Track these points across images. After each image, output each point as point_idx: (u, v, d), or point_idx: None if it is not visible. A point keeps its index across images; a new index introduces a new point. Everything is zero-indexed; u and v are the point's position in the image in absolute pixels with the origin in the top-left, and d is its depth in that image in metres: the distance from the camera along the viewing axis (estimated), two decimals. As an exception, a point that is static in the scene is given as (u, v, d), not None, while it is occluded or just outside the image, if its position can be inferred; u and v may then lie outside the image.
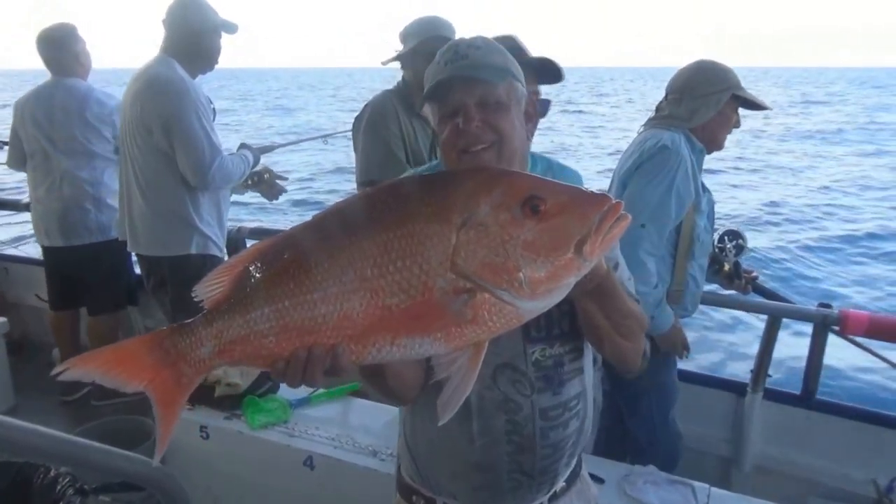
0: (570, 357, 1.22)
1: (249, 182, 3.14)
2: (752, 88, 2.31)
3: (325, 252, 0.86)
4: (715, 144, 2.28)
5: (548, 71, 1.86)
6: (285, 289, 0.86)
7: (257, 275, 0.88)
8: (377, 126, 2.42)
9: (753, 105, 2.25)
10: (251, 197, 3.62)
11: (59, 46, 3.24)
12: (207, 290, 0.90)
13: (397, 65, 2.55)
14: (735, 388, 2.75)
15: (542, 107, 1.63)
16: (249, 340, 0.87)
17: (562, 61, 1.86)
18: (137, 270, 3.52)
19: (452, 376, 0.89)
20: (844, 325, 2.42)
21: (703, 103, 2.20)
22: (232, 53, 3.05)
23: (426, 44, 2.34)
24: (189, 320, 0.89)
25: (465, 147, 1.09)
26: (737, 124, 2.28)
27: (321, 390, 2.42)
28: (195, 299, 0.90)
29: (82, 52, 3.30)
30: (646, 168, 2.16)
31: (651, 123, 2.31)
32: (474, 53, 1.10)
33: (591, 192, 0.87)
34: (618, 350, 1.20)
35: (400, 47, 2.52)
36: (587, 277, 0.90)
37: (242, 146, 3.05)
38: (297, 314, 0.86)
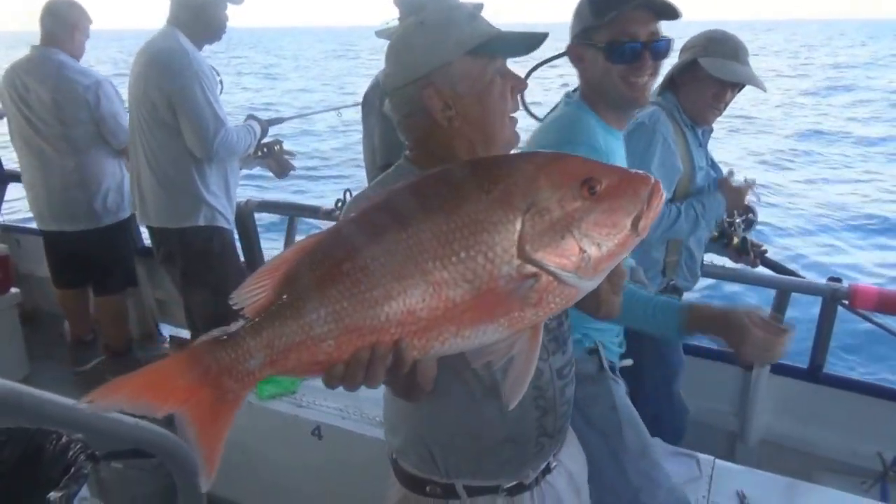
0: (564, 314, 1.27)
1: (259, 154, 3.12)
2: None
3: (380, 247, 0.82)
4: (697, 117, 2.22)
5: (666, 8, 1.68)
6: (341, 288, 0.81)
7: (307, 275, 0.82)
8: None
9: (737, 78, 2.13)
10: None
11: (58, 19, 3.15)
12: (248, 296, 0.83)
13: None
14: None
15: (665, 46, 1.59)
16: (306, 346, 0.81)
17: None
18: (145, 244, 3.56)
19: (515, 360, 0.88)
20: (854, 300, 2.41)
21: (674, 65, 2.19)
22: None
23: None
24: (231, 330, 0.82)
25: (513, 110, 1.14)
26: (718, 98, 2.18)
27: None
28: (234, 307, 0.83)
29: (79, 32, 3.20)
30: (628, 145, 2.17)
31: (655, 92, 2.29)
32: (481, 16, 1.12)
33: (636, 171, 0.88)
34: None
35: (395, 11, 2.45)
36: None
37: (250, 117, 3.03)
38: (357, 314, 0.81)
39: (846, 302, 2.45)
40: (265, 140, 3.10)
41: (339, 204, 2.81)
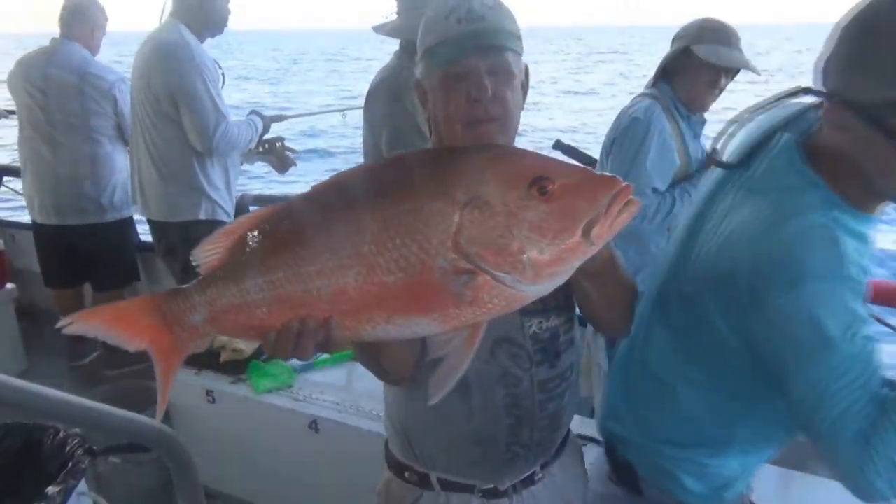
0: (564, 328, 1.22)
1: (260, 149, 3.14)
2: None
3: (323, 224, 0.84)
4: (695, 105, 2.24)
5: None
6: (280, 259, 0.84)
7: (254, 243, 0.86)
8: (401, 94, 2.30)
9: (731, 62, 2.15)
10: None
11: (76, 14, 3.18)
12: (205, 255, 0.89)
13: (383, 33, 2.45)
14: None
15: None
16: (242, 310, 0.86)
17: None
18: (143, 239, 3.56)
19: (448, 356, 0.87)
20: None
21: (665, 55, 2.21)
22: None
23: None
24: (185, 285, 0.89)
25: (472, 119, 1.02)
26: (712, 84, 2.20)
27: (325, 356, 2.45)
28: (192, 263, 0.90)
29: (98, 30, 3.23)
30: (618, 141, 2.20)
31: (643, 91, 2.32)
32: (490, 14, 1.02)
33: (601, 174, 0.85)
34: (610, 322, 1.22)
35: (393, 9, 2.43)
36: (591, 260, 0.87)
37: (252, 113, 3.05)
38: (291, 286, 0.84)
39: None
40: (267, 136, 3.11)
41: None
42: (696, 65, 2.16)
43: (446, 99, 1.05)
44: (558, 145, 2.65)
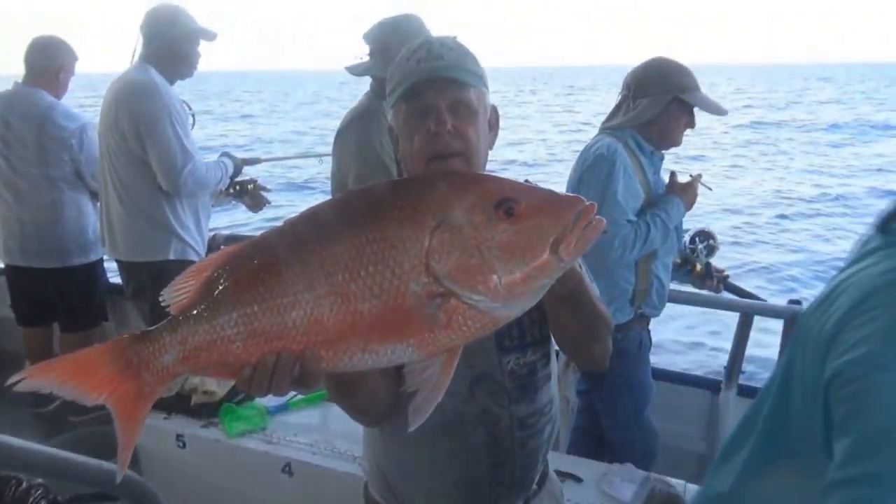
0: (542, 363, 1.22)
1: (231, 191, 3.13)
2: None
3: (295, 256, 0.84)
4: (668, 142, 2.30)
5: None
6: (254, 293, 0.84)
7: (226, 279, 0.86)
8: (370, 133, 2.34)
9: (715, 110, 2.25)
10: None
11: (43, 58, 3.14)
12: (175, 294, 0.87)
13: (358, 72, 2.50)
14: (709, 385, 2.80)
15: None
16: (216, 346, 0.84)
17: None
18: (111, 280, 3.50)
19: (425, 383, 0.87)
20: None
21: (645, 103, 2.23)
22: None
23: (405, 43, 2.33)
24: (153, 327, 0.87)
25: (434, 153, 1.05)
26: (689, 125, 2.29)
27: (299, 396, 2.41)
28: (162, 304, 0.88)
29: (64, 71, 3.19)
30: (584, 179, 2.23)
31: (602, 126, 2.36)
32: (448, 54, 1.06)
33: (565, 194, 0.87)
34: (588, 352, 1.22)
35: (366, 51, 2.48)
36: (561, 283, 0.88)
37: (224, 154, 3.05)
38: (265, 319, 0.83)
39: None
40: (239, 178, 3.11)
41: None
42: (677, 110, 2.23)
43: (410, 136, 1.07)
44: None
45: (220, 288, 0.85)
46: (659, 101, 2.21)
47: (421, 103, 1.05)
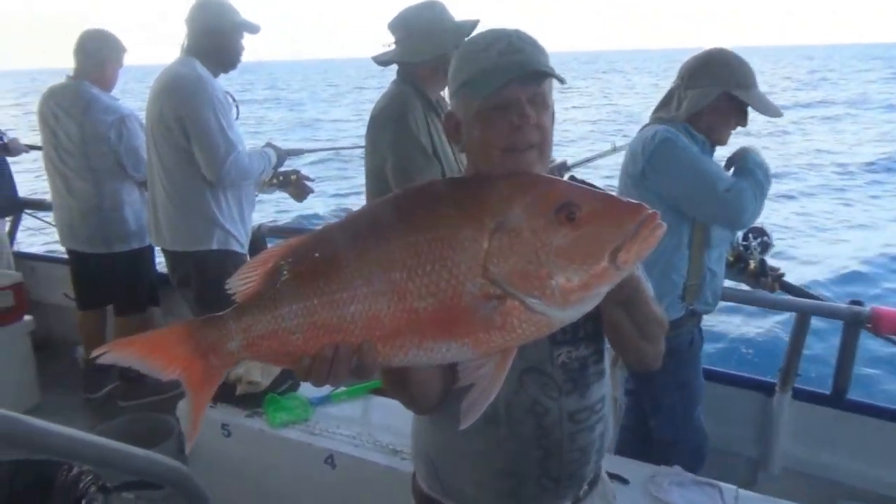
0: (593, 359, 1.20)
1: (274, 181, 3.17)
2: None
3: (355, 252, 0.86)
4: (714, 139, 2.19)
5: None
6: (314, 286, 0.86)
7: (287, 271, 0.88)
8: (406, 118, 2.33)
9: (770, 112, 2.12)
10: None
11: (88, 47, 3.28)
12: (240, 283, 0.90)
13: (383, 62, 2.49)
14: (763, 388, 2.70)
15: None
16: (277, 336, 0.87)
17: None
18: (161, 269, 3.58)
19: (478, 382, 0.87)
20: (877, 323, 2.36)
21: (694, 95, 2.13)
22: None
23: (433, 30, 2.32)
24: (220, 313, 0.90)
25: (512, 145, 1.05)
26: (740, 124, 2.17)
27: (342, 388, 2.41)
28: (228, 292, 0.90)
29: (111, 63, 3.33)
30: (655, 165, 2.11)
31: (653, 117, 2.27)
32: (527, 48, 1.06)
33: (628, 200, 0.85)
34: (641, 354, 1.20)
35: (391, 40, 2.46)
36: (619, 287, 0.87)
37: (267, 145, 3.08)
38: (325, 312, 0.85)
39: (869, 326, 2.40)
40: (282, 169, 3.14)
41: None
42: (726, 106, 2.12)
43: (486, 128, 1.07)
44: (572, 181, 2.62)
45: (282, 279, 0.88)
46: (708, 93, 2.10)
47: (503, 95, 1.05)
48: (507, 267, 0.81)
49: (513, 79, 1.04)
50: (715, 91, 2.09)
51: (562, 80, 1.08)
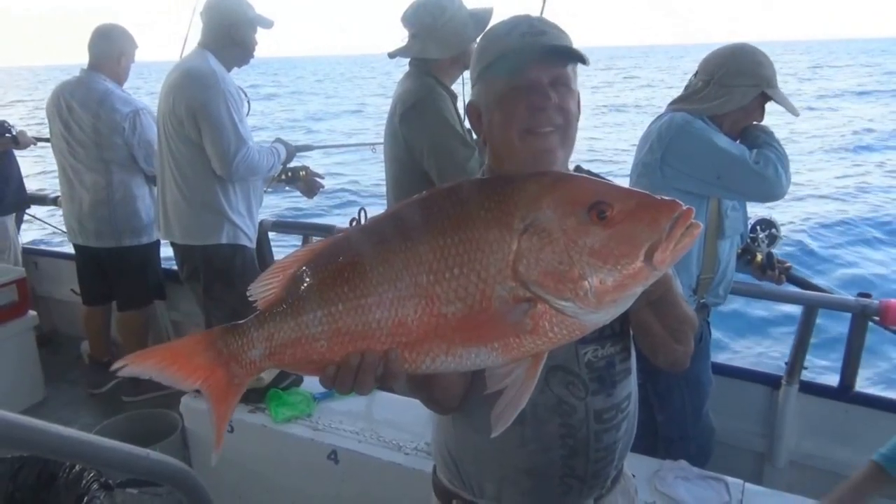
0: (620, 357, 1.18)
1: (283, 177, 3.18)
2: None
3: (380, 256, 0.83)
4: (733, 133, 2.16)
5: None
6: (339, 292, 0.83)
7: (310, 277, 0.86)
8: (438, 105, 2.33)
9: (793, 110, 2.12)
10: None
11: (103, 42, 3.30)
12: (261, 289, 0.88)
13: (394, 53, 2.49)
14: (769, 381, 2.68)
15: None
16: (301, 344, 0.85)
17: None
18: (165, 265, 3.58)
19: (508, 388, 0.85)
20: (885, 316, 2.34)
21: (729, 93, 2.08)
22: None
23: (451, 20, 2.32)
24: (242, 321, 0.87)
25: (533, 127, 1.04)
26: (759, 118, 2.16)
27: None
28: (249, 298, 0.88)
29: (125, 56, 3.36)
30: (686, 146, 2.07)
31: (671, 108, 2.22)
32: (551, 30, 1.06)
33: (661, 198, 0.82)
34: (670, 354, 1.17)
35: (404, 35, 2.46)
36: (652, 287, 0.84)
37: (277, 140, 3.08)
38: (350, 319, 0.83)
39: (877, 318, 2.37)
40: (291, 165, 3.15)
41: (354, 223, 2.81)
42: (757, 104, 2.11)
43: (507, 110, 1.06)
44: (578, 171, 2.59)
45: (305, 285, 0.85)
46: (749, 93, 2.07)
47: (525, 77, 1.04)
48: (538, 269, 0.78)
49: (534, 59, 1.02)
50: (754, 91, 2.08)
51: (585, 61, 1.06)
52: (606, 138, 18.52)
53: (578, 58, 1.06)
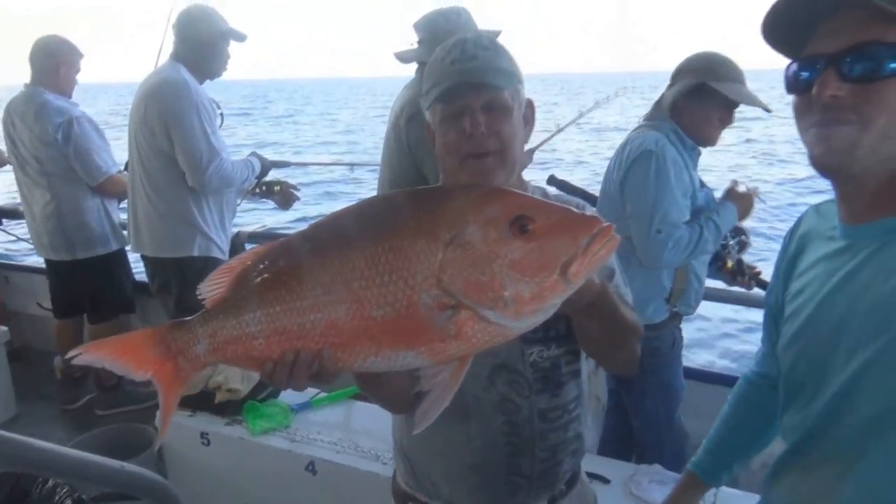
0: (566, 359, 1.21)
1: (258, 190, 3.17)
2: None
3: (316, 261, 0.88)
4: (702, 139, 2.21)
5: None
6: (277, 294, 0.88)
7: (253, 278, 0.91)
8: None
9: (750, 101, 2.13)
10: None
11: (41, 54, 3.22)
12: (209, 289, 0.93)
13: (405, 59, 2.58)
14: None
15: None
16: (241, 341, 0.90)
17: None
18: (138, 277, 3.55)
19: (434, 388, 0.90)
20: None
21: (674, 88, 2.15)
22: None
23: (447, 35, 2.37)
24: (189, 318, 0.93)
25: (469, 152, 1.09)
26: (724, 120, 2.18)
27: (322, 394, 2.40)
28: (199, 297, 0.93)
29: (65, 66, 3.25)
30: (632, 178, 2.13)
31: (640, 123, 2.28)
32: (483, 54, 1.08)
33: (583, 214, 0.86)
34: (612, 360, 1.22)
35: (415, 39, 2.53)
36: (578, 296, 0.88)
37: (252, 154, 3.08)
38: (286, 319, 0.88)
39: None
40: (267, 179, 3.14)
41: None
42: (709, 101, 2.12)
43: (445, 135, 1.11)
44: (552, 180, 2.63)
45: (248, 286, 0.91)
46: (685, 84, 2.12)
47: (455, 105, 1.09)
48: (461, 278, 0.82)
49: (464, 86, 1.06)
50: (691, 81, 2.11)
51: (515, 85, 1.10)
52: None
53: (506, 82, 1.08)
